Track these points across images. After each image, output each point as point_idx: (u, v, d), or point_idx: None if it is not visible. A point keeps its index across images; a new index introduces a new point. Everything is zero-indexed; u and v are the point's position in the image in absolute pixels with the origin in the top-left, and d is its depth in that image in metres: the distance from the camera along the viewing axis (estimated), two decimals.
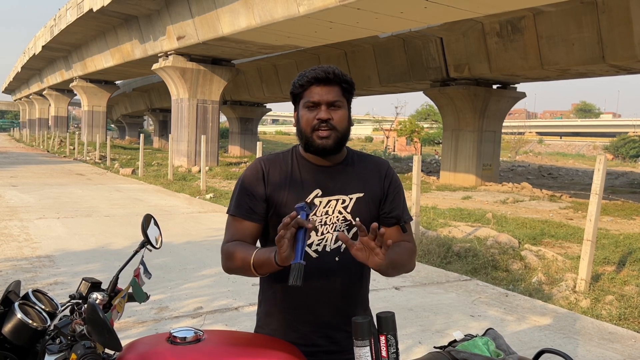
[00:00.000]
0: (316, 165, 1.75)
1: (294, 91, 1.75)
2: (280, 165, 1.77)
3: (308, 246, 1.71)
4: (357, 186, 1.77)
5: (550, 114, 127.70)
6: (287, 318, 1.75)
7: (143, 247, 1.74)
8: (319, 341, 1.73)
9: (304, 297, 1.73)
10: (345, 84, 1.71)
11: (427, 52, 20.02)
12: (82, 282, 1.60)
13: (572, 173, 29.87)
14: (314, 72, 1.69)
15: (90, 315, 1.16)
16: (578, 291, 5.97)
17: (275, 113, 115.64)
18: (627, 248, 8.28)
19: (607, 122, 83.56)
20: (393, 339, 1.52)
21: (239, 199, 1.76)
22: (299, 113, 1.74)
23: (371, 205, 1.78)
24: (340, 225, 1.74)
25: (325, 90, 1.68)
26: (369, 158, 1.87)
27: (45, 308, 1.40)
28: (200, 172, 15.58)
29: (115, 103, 56.20)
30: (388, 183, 1.83)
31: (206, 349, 1.40)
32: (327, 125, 1.67)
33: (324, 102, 1.68)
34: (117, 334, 1.16)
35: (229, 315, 4.55)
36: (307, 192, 1.72)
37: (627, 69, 16.43)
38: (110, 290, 1.62)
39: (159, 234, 1.81)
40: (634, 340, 4.31)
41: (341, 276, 1.75)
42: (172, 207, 11.08)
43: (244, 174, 1.80)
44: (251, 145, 36.17)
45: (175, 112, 22.51)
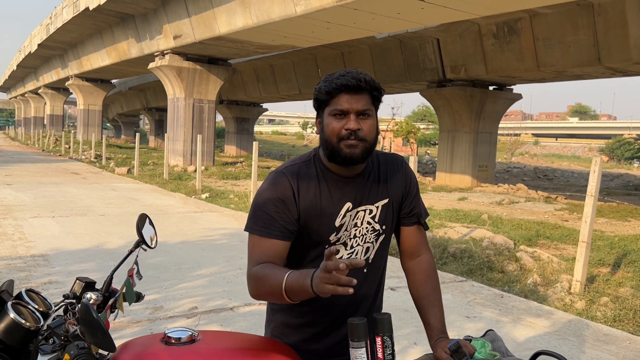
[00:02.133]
0: (342, 177, 1.65)
1: (319, 97, 1.60)
2: (307, 180, 1.64)
3: None
4: (383, 193, 1.71)
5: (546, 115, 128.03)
6: (312, 331, 1.70)
7: (138, 246, 1.73)
8: (341, 351, 1.68)
9: (332, 312, 1.69)
10: (375, 92, 1.59)
11: (423, 53, 20.04)
12: (76, 281, 1.59)
13: (568, 175, 29.97)
14: (344, 79, 1.55)
15: (84, 315, 1.14)
16: (573, 293, 5.98)
17: (271, 113, 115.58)
18: (622, 250, 8.30)
19: (603, 124, 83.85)
20: (389, 340, 1.51)
21: (266, 216, 1.59)
22: (324, 121, 1.60)
23: (395, 209, 1.74)
24: (369, 236, 1.70)
25: (355, 99, 1.55)
26: (387, 158, 1.77)
27: (38, 308, 1.38)
28: (196, 172, 15.55)
29: (111, 102, 56.07)
30: (409, 181, 1.77)
31: (201, 350, 1.38)
32: (355, 137, 1.55)
33: (354, 112, 1.55)
34: (110, 335, 1.15)
35: (224, 315, 4.54)
36: (338, 207, 1.64)
37: (622, 71, 16.48)
38: (104, 290, 1.61)
39: (154, 233, 1.80)
40: (628, 342, 4.31)
41: (368, 287, 1.73)
42: (167, 207, 11.05)
43: (268, 190, 1.63)
44: (247, 145, 36.13)
45: (172, 112, 22.46)
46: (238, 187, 15.75)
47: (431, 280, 1.75)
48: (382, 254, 1.76)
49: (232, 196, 13.25)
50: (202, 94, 22.26)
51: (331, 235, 1.64)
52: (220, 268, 6.11)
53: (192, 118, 22.14)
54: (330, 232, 1.64)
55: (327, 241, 1.65)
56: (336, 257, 1.33)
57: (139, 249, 1.72)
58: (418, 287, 1.75)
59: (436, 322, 1.68)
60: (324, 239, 1.64)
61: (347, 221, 1.65)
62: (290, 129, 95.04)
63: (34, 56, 38.31)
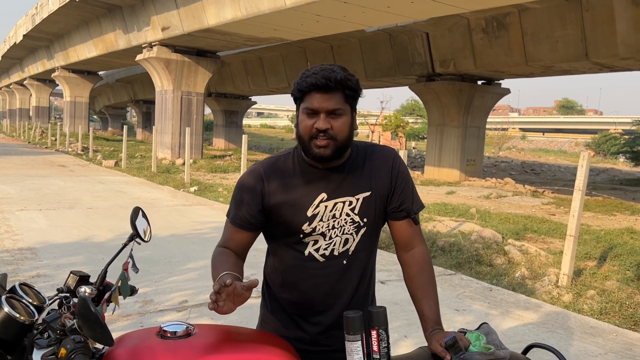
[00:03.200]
0: (319, 169, 1.67)
1: (294, 94, 1.64)
2: (281, 171, 1.68)
3: (315, 250, 1.69)
4: (364, 185, 1.70)
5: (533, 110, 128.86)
6: (296, 319, 1.73)
7: (132, 240, 1.72)
8: (327, 341, 1.72)
9: (312, 300, 1.71)
10: (348, 90, 1.59)
11: (413, 47, 20.06)
12: (70, 275, 1.57)
13: (555, 169, 30.22)
14: (314, 78, 1.56)
15: (82, 309, 1.13)
16: (560, 286, 6.05)
17: (260, 106, 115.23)
18: (608, 244, 8.38)
19: (589, 119, 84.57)
20: (384, 334, 1.52)
21: (236, 207, 1.70)
22: (299, 117, 1.64)
23: (379, 203, 1.73)
24: (348, 228, 1.70)
25: (325, 98, 1.56)
26: (375, 150, 1.77)
27: (32, 302, 1.37)
28: (185, 165, 15.47)
29: (98, 94, 55.56)
30: (396, 175, 1.74)
31: (197, 344, 1.38)
32: (325, 135, 1.57)
33: (323, 111, 1.57)
34: (109, 329, 1.14)
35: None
36: (311, 198, 1.66)
37: (609, 66, 16.61)
38: (98, 283, 1.60)
39: (148, 226, 1.79)
40: (615, 335, 4.37)
41: (349, 278, 1.73)
42: (156, 200, 10.99)
43: (242, 179, 1.71)
44: (236, 138, 35.99)
45: (159, 104, 22.31)
46: (227, 181, 15.71)
47: (425, 272, 1.75)
48: (365, 247, 1.75)
49: (221, 189, 13.21)
50: (191, 86, 22.13)
51: (304, 224, 1.67)
52: (208, 261, 6.09)
53: (181, 111, 22.02)
54: (303, 222, 1.67)
55: (302, 231, 1.68)
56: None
57: (133, 243, 1.72)
58: (412, 279, 1.76)
59: (431, 314, 1.69)
60: (298, 229, 1.68)
61: (321, 211, 1.66)
62: (279, 122, 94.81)
63: (19, 47, 37.79)
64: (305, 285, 1.70)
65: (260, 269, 5.95)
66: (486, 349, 1.52)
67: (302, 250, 1.69)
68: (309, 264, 1.68)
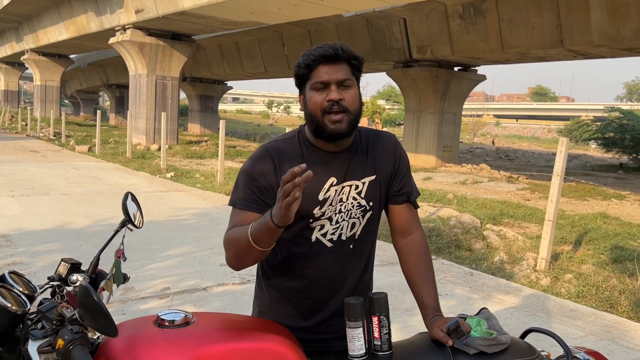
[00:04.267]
0: (327, 152, 1.64)
1: (299, 72, 1.60)
2: (289, 154, 1.64)
3: (323, 235, 1.65)
4: (370, 169, 1.69)
5: (507, 97, 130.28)
6: (298, 308, 1.69)
7: (124, 226, 1.67)
8: (329, 328, 1.69)
9: (318, 287, 1.67)
10: (354, 61, 1.59)
11: (390, 32, 20.01)
12: (61, 263, 1.52)
13: (528, 155, 30.65)
14: (321, 50, 1.55)
15: (84, 298, 1.08)
16: (538, 270, 6.14)
17: (236, 91, 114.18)
18: (583, 228, 8.54)
19: (562, 105, 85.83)
20: (386, 320, 1.51)
21: (248, 191, 1.61)
22: (306, 96, 1.60)
23: (383, 186, 1.72)
24: (355, 212, 1.67)
25: (334, 69, 1.55)
26: (378, 135, 1.77)
27: (23, 291, 1.32)
28: (160, 151, 15.27)
29: (70, 78, 54.31)
30: (398, 159, 1.75)
31: (196, 332, 1.34)
32: (339, 107, 1.55)
33: (334, 82, 1.55)
34: (112, 319, 1.10)
35: (197, 295, 4.49)
36: (322, 181, 1.63)
37: (584, 53, 16.82)
38: (91, 271, 1.55)
39: (140, 212, 1.74)
40: (594, 317, 4.46)
41: (355, 263, 1.71)
42: (132, 186, 10.82)
43: (249, 164, 1.65)
44: (211, 123, 35.61)
45: (133, 88, 21.91)
46: (203, 167, 15.55)
47: (424, 259, 1.74)
48: (370, 231, 1.74)
49: (198, 175, 13.08)
50: (165, 70, 21.76)
51: (315, 208, 1.64)
52: (190, 248, 6.03)
53: (155, 95, 21.66)
54: (314, 205, 1.64)
55: (312, 215, 1.64)
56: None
57: (124, 229, 1.66)
58: (411, 265, 1.75)
59: (430, 301, 1.68)
60: (309, 213, 1.64)
61: (331, 195, 1.64)
62: (255, 108, 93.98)
63: None
64: (312, 272, 1.66)
65: None
66: (488, 334, 1.52)
67: (308, 236, 1.65)
68: (317, 249, 1.65)
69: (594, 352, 1.62)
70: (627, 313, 4.81)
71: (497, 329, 1.55)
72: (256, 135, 30.94)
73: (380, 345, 1.50)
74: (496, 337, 1.49)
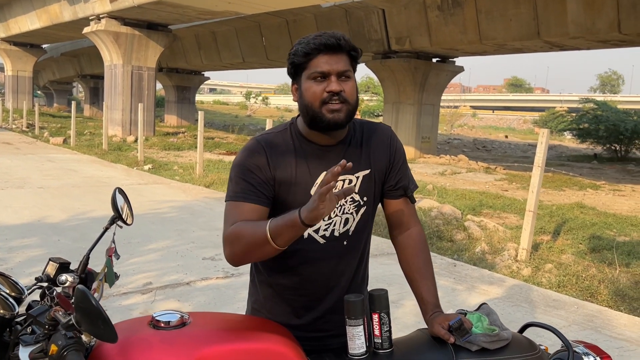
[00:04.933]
0: (320, 146, 1.59)
1: (296, 61, 1.53)
2: (280, 148, 1.58)
3: (315, 232, 1.60)
4: (364, 163, 1.64)
5: (483, 88, 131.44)
6: (292, 305, 1.64)
7: (113, 223, 1.61)
8: (324, 326, 1.64)
9: (312, 285, 1.62)
10: (353, 52, 1.54)
11: (369, 23, 19.97)
12: (49, 262, 1.45)
13: (505, 146, 30.99)
14: (322, 39, 1.49)
15: (81, 303, 1.02)
16: (520, 260, 6.20)
17: (213, 82, 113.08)
18: (561, 218, 8.65)
19: (537, 97, 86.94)
20: (386, 317, 1.48)
21: (243, 183, 1.53)
22: (302, 86, 1.53)
23: (377, 181, 1.67)
24: (349, 207, 1.62)
25: (335, 59, 1.49)
26: (372, 127, 1.72)
27: (10, 293, 1.25)
28: (137, 142, 15.06)
29: (42, 68, 53.15)
30: (394, 152, 1.70)
31: (194, 333, 1.30)
32: (338, 98, 1.49)
33: (334, 73, 1.49)
34: (112, 324, 1.04)
35: (180, 290, 4.42)
36: (314, 176, 1.57)
37: (560, 45, 17.00)
38: (80, 271, 1.48)
39: (130, 208, 1.68)
40: (576, 307, 4.51)
41: (349, 260, 1.66)
42: (109, 179, 10.64)
43: (243, 157, 1.57)
44: (188, 114, 35.21)
45: (109, 79, 21.53)
46: (181, 159, 15.38)
47: (422, 254, 1.71)
48: (364, 227, 1.69)
49: (177, 168, 12.93)
50: (142, 60, 21.42)
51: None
52: (172, 242, 5.94)
53: (131, 86, 21.32)
54: (306, 201, 1.57)
55: None
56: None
57: (114, 226, 1.60)
58: (409, 260, 1.71)
59: (430, 297, 1.65)
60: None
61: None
62: (233, 99, 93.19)
63: None
64: (305, 269, 1.61)
65: None
66: (490, 330, 1.50)
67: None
68: (309, 246, 1.59)
69: (592, 346, 1.61)
70: (607, 302, 4.89)
71: (498, 325, 1.54)
72: (234, 126, 30.70)
73: (380, 343, 1.47)
74: (498, 333, 1.48)
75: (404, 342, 1.53)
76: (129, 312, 3.86)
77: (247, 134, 27.63)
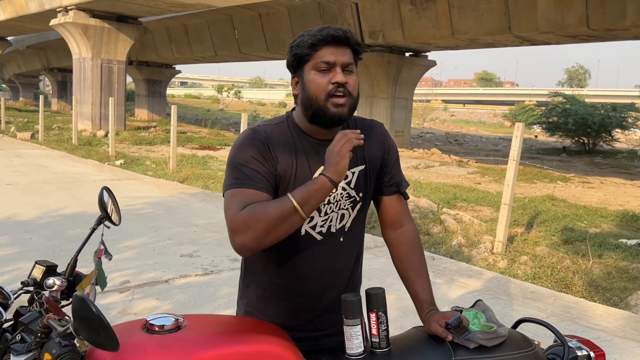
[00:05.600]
0: (318, 140, 1.56)
1: (300, 52, 1.50)
2: (280, 140, 1.54)
3: (312, 228, 1.56)
4: (360, 158, 1.62)
5: (454, 82, 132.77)
6: (288, 305, 1.60)
7: (100, 223, 1.55)
8: (320, 325, 1.61)
9: (308, 283, 1.59)
10: (357, 47, 1.54)
11: (342, 17, 19.94)
12: (36, 266, 1.39)
13: (476, 140, 31.36)
14: (329, 30, 1.48)
15: (81, 310, 0.97)
16: (495, 252, 6.28)
17: (184, 75, 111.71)
18: (533, 210, 8.79)
19: (506, 91, 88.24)
20: (384, 316, 1.46)
21: (247, 169, 1.46)
22: (305, 78, 1.51)
23: (372, 177, 1.66)
24: (344, 203, 1.60)
25: (341, 52, 1.49)
26: (367, 124, 1.71)
27: None
28: (107, 137, 14.81)
29: (7, 61, 51.74)
30: (387, 148, 1.70)
31: (190, 337, 1.26)
32: (343, 91, 1.47)
33: (340, 64, 1.48)
34: (114, 331, 0.99)
35: (159, 288, 4.35)
36: (312, 170, 1.54)
37: (530, 40, 17.25)
38: (68, 274, 1.43)
39: (117, 208, 1.62)
40: (553, 299, 4.59)
41: (346, 257, 1.64)
42: (81, 174, 10.42)
43: (244, 145, 1.51)
44: (159, 108, 34.72)
45: (78, 73, 21.08)
46: (154, 153, 15.16)
47: (416, 251, 1.70)
48: (360, 224, 1.68)
49: (149, 163, 12.74)
50: (111, 54, 21.03)
51: None
52: (148, 239, 5.84)
53: (101, 79, 20.93)
54: None
55: None
56: None
57: (102, 227, 1.55)
58: (403, 258, 1.70)
59: (425, 295, 1.64)
60: None
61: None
62: (204, 92, 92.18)
63: None
64: (302, 267, 1.58)
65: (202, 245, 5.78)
66: (488, 327, 1.49)
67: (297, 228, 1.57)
68: (306, 243, 1.56)
69: (585, 340, 1.63)
70: (582, 293, 4.98)
71: (494, 321, 1.54)
72: (207, 120, 30.33)
73: (378, 343, 1.45)
74: (496, 330, 1.48)
75: (400, 341, 1.52)
76: (106, 311, 3.78)
77: (220, 128, 27.34)
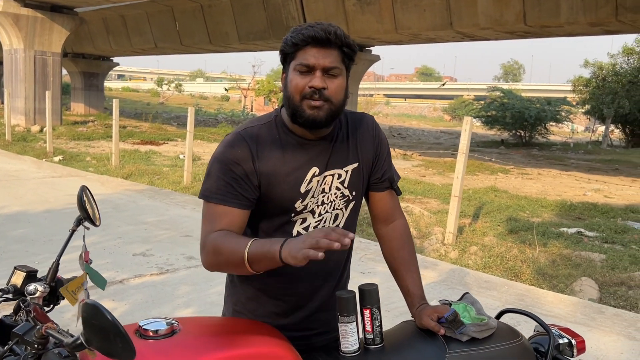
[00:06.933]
0: (307, 140, 1.52)
1: (285, 49, 1.47)
2: (266, 142, 1.49)
3: (304, 230, 1.54)
4: (352, 156, 1.59)
5: (395, 77, 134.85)
6: (279, 305, 1.57)
7: (79, 224, 1.48)
8: (311, 325, 1.60)
9: (300, 283, 1.57)
10: (346, 48, 1.47)
11: (286, 10, 19.83)
12: (15, 271, 1.31)
13: (419, 133, 32.03)
14: (312, 30, 1.42)
15: (95, 319, 0.90)
16: (446, 243, 6.43)
17: (122, 68, 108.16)
18: (478, 202, 9.06)
19: (446, 85, 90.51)
20: (378, 312, 1.46)
21: (222, 182, 1.45)
22: (288, 76, 1.47)
23: (365, 174, 1.63)
24: (338, 202, 1.57)
25: (323, 54, 1.42)
26: (358, 118, 1.66)
27: None
28: (43, 132, 14.19)
29: None
30: (378, 143, 1.66)
31: (186, 342, 1.21)
32: (320, 96, 1.42)
33: (320, 67, 1.42)
34: (131, 340, 0.92)
35: (114, 289, 4.20)
36: (303, 172, 1.50)
37: (471, 35, 17.71)
38: (50, 279, 1.35)
39: (96, 208, 1.55)
40: (506, 287, 4.74)
41: (337, 257, 1.62)
42: (19, 172, 9.92)
43: (223, 151, 1.48)
44: (97, 102, 33.53)
45: (9, 65, 20.06)
46: (93, 149, 14.64)
47: (407, 246, 1.71)
48: (352, 222, 1.67)
49: (89, 159, 12.30)
50: (45, 45, 20.11)
51: (297, 202, 1.52)
52: (97, 238, 5.63)
53: (35, 72, 19.99)
54: (295, 199, 1.51)
55: (294, 209, 1.53)
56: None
57: (82, 228, 1.48)
58: (394, 253, 1.70)
59: (416, 289, 1.65)
60: (290, 207, 1.52)
61: (313, 187, 1.52)
62: (143, 86, 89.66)
63: None
64: (294, 267, 1.54)
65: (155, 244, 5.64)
66: (479, 320, 1.52)
67: (289, 230, 1.54)
68: None
69: (565, 329, 1.69)
70: (530, 281, 5.17)
71: (483, 313, 1.56)
72: (147, 114, 29.55)
73: (372, 339, 1.45)
74: (487, 322, 1.50)
75: (392, 336, 1.53)
76: (59, 315, 3.62)
77: (162, 122, 26.72)
